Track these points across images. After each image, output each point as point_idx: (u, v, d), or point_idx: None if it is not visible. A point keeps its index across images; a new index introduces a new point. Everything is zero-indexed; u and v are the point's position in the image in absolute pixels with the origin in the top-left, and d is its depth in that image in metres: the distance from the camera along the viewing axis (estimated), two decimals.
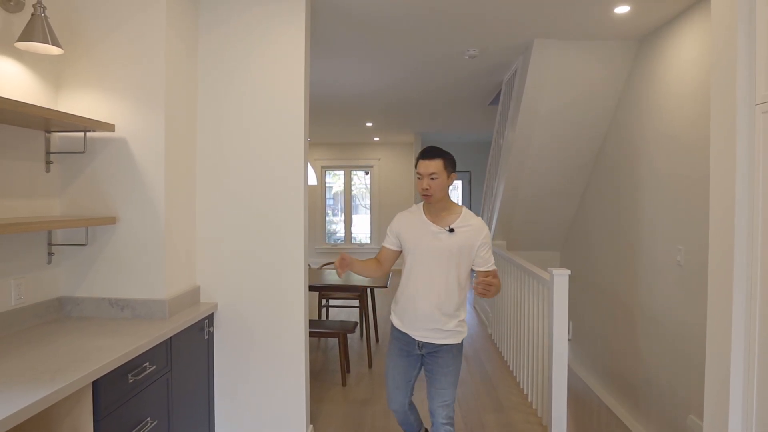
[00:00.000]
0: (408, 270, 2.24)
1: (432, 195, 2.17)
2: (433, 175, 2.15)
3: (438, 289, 2.17)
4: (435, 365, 2.22)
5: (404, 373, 2.28)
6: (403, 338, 2.26)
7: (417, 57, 4.04)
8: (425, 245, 2.18)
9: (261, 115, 2.65)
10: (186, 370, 2.37)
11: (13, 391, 1.44)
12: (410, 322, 2.22)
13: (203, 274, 2.69)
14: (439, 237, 2.17)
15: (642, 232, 3.67)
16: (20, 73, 2.13)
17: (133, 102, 2.31)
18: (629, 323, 3.86)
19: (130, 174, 2.32)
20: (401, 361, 2.28)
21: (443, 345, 2.20)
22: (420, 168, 2.19)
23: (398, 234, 2.29)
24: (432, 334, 2.20)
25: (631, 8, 3.00)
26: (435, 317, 2.17)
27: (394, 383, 2.30)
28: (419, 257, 2.19)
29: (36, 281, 2.23)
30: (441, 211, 2.22)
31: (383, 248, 2.35)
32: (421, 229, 2.21)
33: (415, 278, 2.20)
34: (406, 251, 2.27)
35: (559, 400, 2.97)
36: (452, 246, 2.15)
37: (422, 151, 2.22)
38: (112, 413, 1.79)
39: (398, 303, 2.30)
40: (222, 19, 2.64)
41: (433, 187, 2.16)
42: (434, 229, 2.19)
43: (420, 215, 2.26)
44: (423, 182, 2.17)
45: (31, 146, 2.20)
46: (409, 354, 2.26)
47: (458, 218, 2.20)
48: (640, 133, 3.70)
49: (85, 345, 1.92)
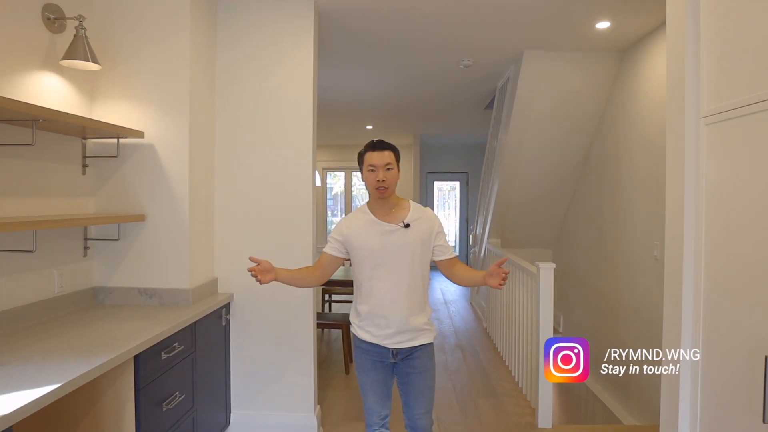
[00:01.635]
0: (367, 277, 2.03)
1: (388, 188, 1.99)
2: (388, 165, 1.99)
3: (405, 291, 2.01)
4: (411, 369, 2.07)
5: (384, 385, 2.11)
6: (374, 349, 2.08)
7: (415, 66, 4.31)
8: (382, 247, 2.00)
9: (273, 122, 2.92)
10: (207, 352, 2.64)
11: (74, 361, 1.71)
12: (381, 331, 2.04)
13: (220, 266, 2.95)
14: (394, 235, 2.00)
15: (623, 230, 3.94)
16: (61, 86, 2.39)
17: (160, 111, 2.58)
18: (612, 314, 4.13)
19: (157, 176, 2.59)
20: (378, 374, 2.09)
21: (418, 347, 2.07)
22: (373, 159, 2.00)
23: (347, 241, 2.06)
24: (405, 337, 2.04)
25: (611, 24, 3.27)
26: (407, 322, 2.02)
27: (375, 397, 2.10)
28: (378, 261, 2.01)
29: (73, 272, 2.49)
30: (391, 208, 2.04)
31: (324, 254, 2.11)
32: (373, 231, 2.02)
33: (378, 285, 2.01)
34: (360, 258, 2.04)
35: (546, 383, 3.23)
36: (411, 242, 2.00)
37: (371, 144, 2.05)
38: (149, 385, 2.06)
39: (362, 315, 2.08)
40: (238, 37, 2.90)
41: (388, 179, 1.99)
42: (388, 228, 2.01)
43: (368, 216, 2.05)
44: (378, 174, 1.98)
45: (69, 151, 2.46)
46: (384, 364, 2.09)
47: (409, 212, 2.05)
48: (623, 138, 3.97)
49: (121, 327, 2.19)
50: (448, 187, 11.05)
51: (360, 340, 2.11)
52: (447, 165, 10.63)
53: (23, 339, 1.96)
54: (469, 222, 10.31)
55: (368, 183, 2.02)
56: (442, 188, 11.09)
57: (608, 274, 4.26)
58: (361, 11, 3.08)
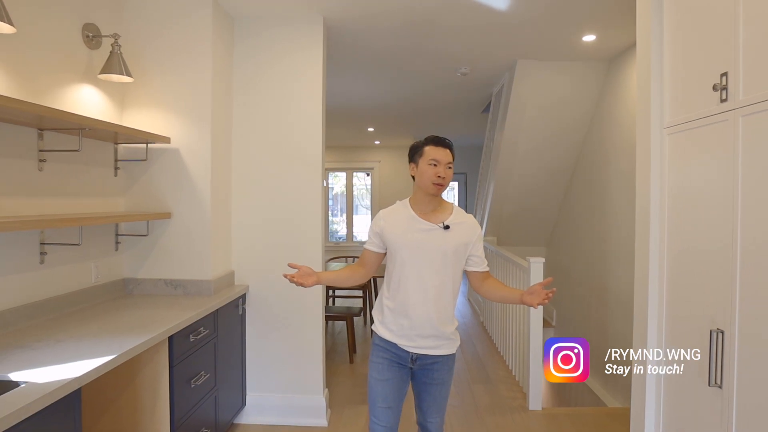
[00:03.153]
0: (396, 273, 1.95)
1: (444, 185, 1.94)
2: (449, 164, 1.96)
3: (433, 294, 1.92)
4: (429, 380, 1.98)
5: (396, 389, 1.98)
6: (392, 348, 1.97)
7: (415, 74, 4.57)
8: (416, 244, 1.92)
9: (285, 127, 3.18)
10: (227, 337, 2.90)
11: (120, 339, 1.98)
12: (403, 332, 1.94)
13: (237, 261, 3.22)
14: (431, 235, 1.93)
15: (610, 228, 4.22)
16: (97, 97, 2.66)
17: (185, 119, 2.85)
18: (601, 307, 4.40)
19: (182, 177, 2.86)
20: (392, 374, 1.97)
21: (439, 356, 1.97)
22: (437, 154, 1.94)
23: (382, 233, 1.99)
24: (428, 344, 1.94)
25: (597, 37, 3.54)
26: (432, 326, 1.92)
27: (384, 401, 1.96)
28: (410, 258, 1.92)
29: (106, 265, 2.75)
30: (434, 207, 1.99)
31: (365, 251, 2.06)
32: (410, 227, 1.95)
33: (406, 282, 1.93)
34: (392, 252, 1.97)
35: (536, 367, 3.50)
36: (447, 245, 1.92)
37: (434, 138, 1.99)
38: (181, 363, 2.32)
39: (385, 312, 1.99)
40: (253, 51, 3.17)
41: (448, 177, 1.94)
42: (425, 226, 1.94)
43: (407, 211, 1.98)
44: (439, 169, 1.92)
45: (104, 155, 2.73)
46: (401, 366, 1.98)
47: (451, 215, 1.98)
48: (610, 141, 4.25)
49: (153, 314, 2.46)
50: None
51: (380, 338, 2.00)
52: None
53: (70, 322, 2.22)
54: None
55: (425, 177, 1.93)
56: None
57: (597, 270, 4.53)
58: (365, 26, 3.34)
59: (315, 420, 3.19)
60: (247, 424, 3.19)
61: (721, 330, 1.63)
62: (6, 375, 1.56)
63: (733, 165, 1.58)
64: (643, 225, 2.15)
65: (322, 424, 3.20)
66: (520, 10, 3.05)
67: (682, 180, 1.93)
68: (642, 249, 2.16)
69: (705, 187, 1.78)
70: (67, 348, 1.84)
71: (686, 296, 1.89)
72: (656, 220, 2.07)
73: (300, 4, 2.99)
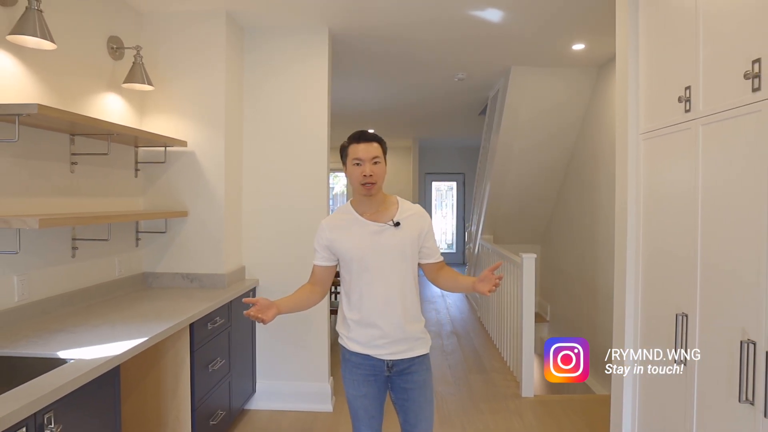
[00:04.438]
0: (356, 283, 1.87)
1: (375, 183, 1.81)
2: (375, 159, 1.81)
3: (398, 296, 1.85)
4: (409, 384, 1.90)
5: (376, 399, 1.92)
6: (366, 362, 1.90)
7: (415, 79, 4.79)
8: (371, 249, 1.83)
9: (292, 131, 3.39)
10: (239, 327, 3.11)
11: (147, 325, 2.19)
12: (374, 341, 1.86)
13: (247, 257, 3.43)
14: (383, 235, 1.84)
15: (600, 227, 4.43)
16: (119, 104, 2.87)
17: (200, 124, 3.06)
18: (592, 302, 4.62)
19: (198, 178, 3.07)
20: (370, 388, 1.91)
21: (415, 358, 1.90)
22: (358, 152, 1.81)
23: (330, 245, 1.89)
24: (402, 347, 1.88)
25: (586, 46, 3.76)
26: (401, 329, 1.86)
27: (366, 413, 1.91)
28: (368, 264, 1.84)
29: (128, 260, 2.97)
30: (378, 205, 1.88)
31: (315, 268, 1.94)
32: (360, 232, 1.85)
33: (369, 290, 1.85)
34: (346, 262, 1.88)
35: (530, 360, 3.72)
36: (402, 241, 1.85)
37: (356, 135, 1.86)
38: (200, 348, 2.54)
39: (351, 326, 1.90)
40: (262, 59, 3.37)
41: (376, 173, 1.81)
42: (376, 227, 1.85)
43: (352, 215, 1.89)
44: (364, 168, 1.80)
45: (126, 158, 2.94)
46: (377, 378, 1.91)
47: (398, 209, 1.88)
48: (599, 143, 4.46)
49: (174, 304, 2.67)
50: (445, 187, 11.54)
51: (350, 353, 1.92)
52: (444, 166, 11.13)
53: (101, 310, 2.43)
54: (465, 220, 10.78)
55: (353, 178, 1.83)
56: (440, 188, 11.57)
57: (588, 267, 4.75)
58: (367, 36, 3.55)
59: (321, 405, 3.41)
60: (258, 410, 3.40)
61: (685, 313, 1.84)
62: (55, 353, 1.78)
63: (695, 168, 1.80)
64: (621, 225, 2.37)
65: (328, 410, 3.41)
66: (512, 21, 3.26)
67: (654, 182, 2.15)
68: (620, 249, 2.38)
69: (672, 190, 1.99)
70: (103, 332, 2.05)
71: (659, 295, 2.11)
72: (633, 221, 2.28)
73: (306, 16, 3.21)
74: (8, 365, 1.77)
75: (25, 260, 2.16)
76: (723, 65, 1.68)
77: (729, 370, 1.59)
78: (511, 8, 3.06)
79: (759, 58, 1.48)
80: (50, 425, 1.45)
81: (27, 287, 2.18)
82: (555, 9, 3.08)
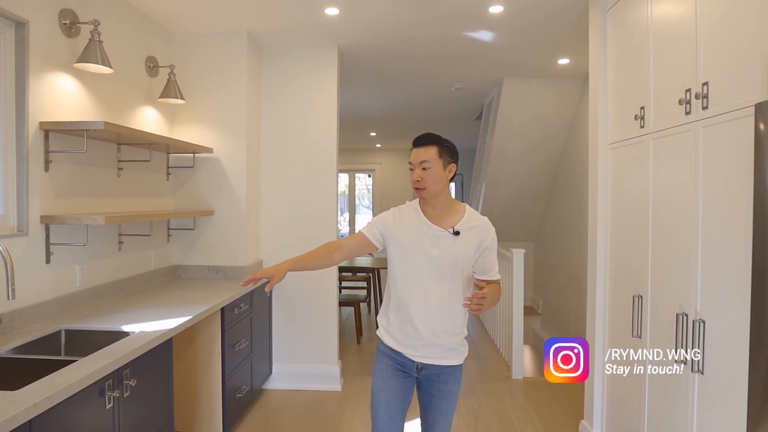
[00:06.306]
0: (402, 279, 1.87)
1: (425, 188, 1.82)
2: (424, 164, 1.82)
3: (441, 304, 1.83)
4: (435, 390, 1.90)
5: (400, 399, 1.90)
6: (397, 356, 1.90)
7: (415, 89, 5.17)
8: (424, 251, 1.83)
9: (304, 138, 3.77)
10: (258, 313, 3.49)
11: (187, 308, 2.57)
12: (409, 341, 1.87)
13: (264, 251, 3.81)
14: (441, 241, 1.83)
15: (586, 225, 4.81)
16: (155, 116, 3.25)
17: (225, 133, 3.44)
18: (579, 296, 5.00)
19: (222, 181, 3.45)
20: (396, 383, 1.89)
21: (446, 367, 1.88)
22: (411, 157, 1.87)
23: (391, 234, 1.88)
24: (435, 352, 1.86)
25: (570, 60, 4.14)
26: (438, 337, 1.84)
27: (387, 412, 1.88)
28: (418, 265, 1.84)
29: (161, 254, 3.34)
30: (442, 210, 1.87)
31: (361, 235, 1.92)
32: (420, 232, 1.85)
33: (414, 292, 1.84)
34: (398, 256, 1.87)
35: (519, 345, 4.10)
36: (456, 251, 1.82)
37: (415, 139, 1.92)
38: (229, 330, 2.91)
39: (390, 319, 1.92)
40: (278, 73, 3.75)
41: (425, 178, 1.81)
42: (437, 231, 1.83)
43: (418, 215, 1.88)
44: (414, 173, 1.83)
45: (159, 163, 3.32)
46: (406, 375, 1.90)
47: (462, 218, 1.86)
48: (585, 147, 4.83)
49: (204, 293, 3.04)
50: None
51: (384, 345, 1.94)
52: None
53: (145, 296, 2.81)
54: None
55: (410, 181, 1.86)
56: None
57: (576, 263, 5.13)
58: (372, 52, 3.93)
59: (330, 386, 3.79)
60: (274, 389, 3.78)
61: (640, 295, 2.22)
62: (119, 327, 2.16)
63: (647, 175, 2.18)
64: (593, 224, 2.75)
65: (337, 389, 3.79)
66: (503, 40, 3.64)
67: (618, 189, 2.53)
68: (592, 244, 2.76)
69: (631, 193, 2.37)
70: (152, 313, 2.43)
71: (621, 281, 2.49)
72: (602, 221, 2.67)
73: (318, 36, 3.58)
74: (82, 336, 2.15)
75: (84, 252, 2.54)
76: (666, 89, 2.06)
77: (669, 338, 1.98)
78: (501, 30, 3.44)
79: (689, 88, 1.86)
80: (127, 380, 1.83)
81: (86, 275, 2.56)
82: (539, 30, 3.45)
